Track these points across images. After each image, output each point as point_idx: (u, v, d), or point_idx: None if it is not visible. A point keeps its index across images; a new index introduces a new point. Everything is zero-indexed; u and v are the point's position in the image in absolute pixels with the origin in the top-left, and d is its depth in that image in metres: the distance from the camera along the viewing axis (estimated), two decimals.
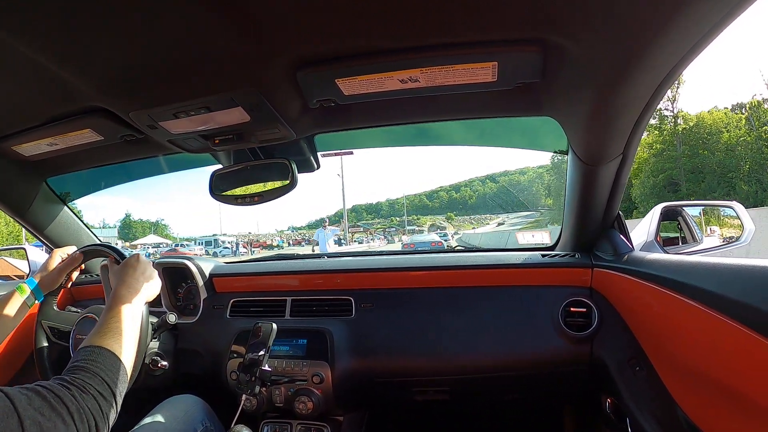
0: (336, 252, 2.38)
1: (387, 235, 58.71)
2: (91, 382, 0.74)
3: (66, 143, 1.31)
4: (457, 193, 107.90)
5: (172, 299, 1.80)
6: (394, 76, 0.95)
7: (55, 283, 1.27)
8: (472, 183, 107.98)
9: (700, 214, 1.93)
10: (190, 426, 1.20)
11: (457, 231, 44.18)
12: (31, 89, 1.02)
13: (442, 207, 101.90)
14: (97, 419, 0.71)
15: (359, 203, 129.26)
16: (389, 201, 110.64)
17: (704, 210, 1.95)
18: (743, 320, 0.73)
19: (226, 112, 1.09)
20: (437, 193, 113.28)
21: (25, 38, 0.78)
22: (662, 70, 0.82)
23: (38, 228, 1.78)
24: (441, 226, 66.25)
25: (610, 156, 1.17)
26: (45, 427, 0.62)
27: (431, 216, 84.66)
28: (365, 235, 58.29)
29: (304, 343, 1.48)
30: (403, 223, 58.95)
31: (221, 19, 0.75)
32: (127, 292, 1.01)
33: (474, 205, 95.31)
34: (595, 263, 1.43)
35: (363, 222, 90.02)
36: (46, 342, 1.35)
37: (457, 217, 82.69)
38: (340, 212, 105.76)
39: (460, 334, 1.45)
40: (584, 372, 1.40)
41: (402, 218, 56.13)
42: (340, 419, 1.54)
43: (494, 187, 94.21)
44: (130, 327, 0.92)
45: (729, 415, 0.81)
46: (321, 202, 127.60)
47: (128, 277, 1.06)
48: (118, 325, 0.90)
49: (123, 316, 0.93)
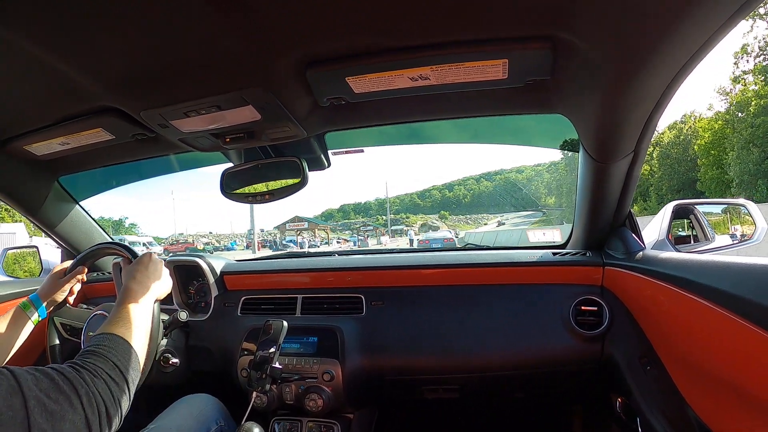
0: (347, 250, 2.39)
1: (359, 234, 47.52)
2: (103, 366, 0.73)
3: (78, 142, 1.32)
4: (450, 191, 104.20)
5: (184, 297, 1.81)
6: (405, 74, 0.95)
7: (58, 300, 1.31)
8: (466, 182, 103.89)
9: (723, 212, 1.92)
10: (205, 425, 1.21)
11: (456, 231, 41.69)
12: (42, 89, 1.03)
13: (435, 206, 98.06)
14: (108, 405, 0.68)
15: (348, 203, 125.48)
16: (378, 201, 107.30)
17: (728, 209, 1.93)
18: (755, 320, 0.72)
19: (236, 110, 1.09)
20: (429, 192, 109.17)
21: (37, 39, 0.79)
22: (674, 67, 0.81)
23: (50, 226, 1.80)
24: (433, 225, 59.86)
25: (622, 153, 1.16)
26: (51, 409, 0.59)
27: (422, 215, 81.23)
28: (310, 236, 42.32)
29: (314, 340, 1.49)
30: (388, 222, 52.33)
31: (231, 18, 0.75)
32: (137, 288, 1.02)
33: (469, 204, 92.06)
34: (607, 262, 1.42)
35: (345, 221, 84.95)
36: (57, 339, 1.36)
37: (451, 216, 78.85)
38: (329, 212, 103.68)
39: (471, 333, 1.45)
40: (595, 371, 1.40)
41: (389, 217, 50.80)
42: (350, 417, 1.54)
43: (490, 185, 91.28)
44: (141, 319, 0.93)
45: (740, 415, 0.80)
46: (306, 203, 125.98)
47: (139, 274, 1.07)
48: (129, 316, 0.90)
49: (134, 309, 0.93)
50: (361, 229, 51.07)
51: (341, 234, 52.66)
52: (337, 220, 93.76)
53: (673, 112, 43.52)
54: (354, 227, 50.29)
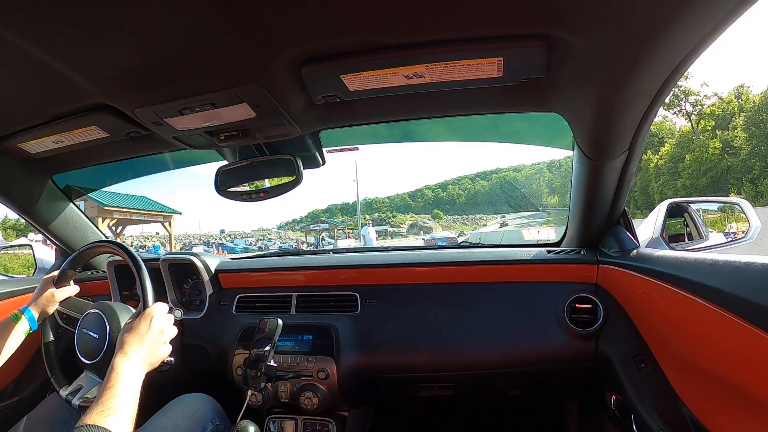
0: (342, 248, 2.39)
1: (317, 235, 40.43)
2: None
3: (72, 140, 1.31)
4: (443, 191, 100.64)
5: (178, 295, 1.81)
6: (400, 72, 0.95)
7: (49, 311, 1.32)
8: (460, 181, 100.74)
9: (720, 210, 1.93)
10: (200, 424, 1.21)
11: (457, 231, 39.73)
12: (36, 87, 1.02)
13: (427, 206, 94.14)
14: None
15: (335, 203, 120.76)
16: (366, 201, 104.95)
17: (722, 207, 1.94)
18: (748, 317, 0.72)
19: (231, 108, 1.09)
20: (421, 191, 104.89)
21: (30, 37, 0.79)
22: (669, 66, 0.81)
23: (44, 224, 1.79)
24: (425, 226, 53.97)
25: (617, 152, 1.16)
26: None
27: (412, 214, 77.16)
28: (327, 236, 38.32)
29: (309, 338, 1.49)
30: (359, 223, 46.37)
31: (226, 15, 0.75)
32: (127, 366, 0.98)
33: (464, 204, 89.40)
34: (601, 260, 1.42)
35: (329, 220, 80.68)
36: (52, 337, 1.36)
37: (446, 216, 75.09)
38: (314, 213, 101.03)
39: (466, 330, 1.45)
40: (589, 368, 1.40)
41: (360, 218, 47.34)
42: (345, 415, 1.54)
43: (486, 185, 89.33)
44: (128, 401, 0.91)
45: (734, 412, 0.81)
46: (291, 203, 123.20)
47: (129, 348, 1.03)
48: (114, 404, 0.88)
49: (120, 393, 0.91)
50: (313, 230, 44.74)
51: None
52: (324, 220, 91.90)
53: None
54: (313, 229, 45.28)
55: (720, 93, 47.69)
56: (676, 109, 49.76)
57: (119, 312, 1.26)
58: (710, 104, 46.49)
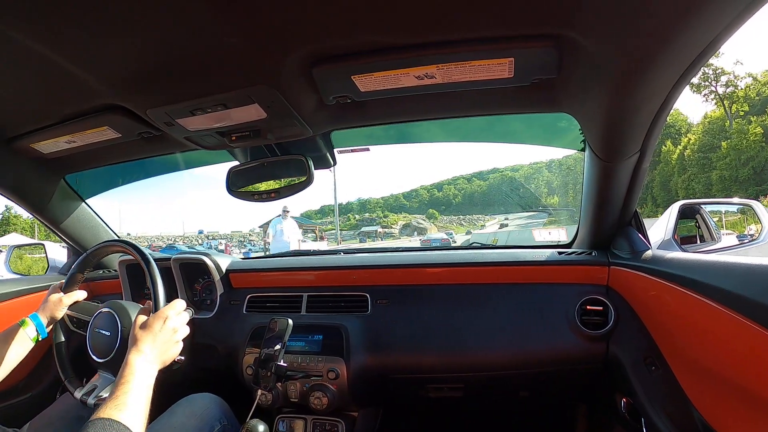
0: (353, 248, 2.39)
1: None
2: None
3: (84, 140, 1.32)
4: (439, 191, 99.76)
5: (189, 295, 1.82)
6: (411, 72, 0.95)
7: (58, 317, 1.32)
8: (456, 181, 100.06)
9: (738, 211, 1.91)
10: (208, 424, 1.21)
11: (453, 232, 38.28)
12: (49, 88, 1.03)
13: (422, 206, 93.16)
14: None
15: (327, 203, 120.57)
16: (360, 201, 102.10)
17: (734, 210, 1.93)
18: (761, 321, 0.72)
19: (242, 109, 1.09)
20: (416, 191, 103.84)
21: (43, 38, 0.79)
22: (681, 66, 0.81)
23: (56, 224, 1.81)
24: (419, 226, 52.31)
25: (628, 153, 1.16)
26: None
27: (406, 214, 75.58)
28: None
29: (319, 338, 1.49)
30: (336, 224, 44.53)
31: (237, 16, 0.75)
32: (141, 365, 0.99)
33: (460, 204, 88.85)
34: (612, 261, 1.42)
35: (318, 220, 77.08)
36: (63, 337, 1.37)
37: (441, 216, 73.67)
38: (307, 213, 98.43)
39: (476, 331, 1.45)
40: (599, 370, 1.40)
41: (336, 220, 45.20)
42: (354, 415, 1.54)
43: (483, 185, 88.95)
44: (141, 396, 0.91)
45: (745, 416, 0.80)
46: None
47: (144, 345, 1.03)
48: (127, 399, 0.88)
49: (133, 388, 0.91)
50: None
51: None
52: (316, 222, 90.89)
53: None
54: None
55: (755, 74, 43.68)
56: (707, 91, 44.89)
57: (130, 309, 1.27)
58: (743, 86, 42.61)
